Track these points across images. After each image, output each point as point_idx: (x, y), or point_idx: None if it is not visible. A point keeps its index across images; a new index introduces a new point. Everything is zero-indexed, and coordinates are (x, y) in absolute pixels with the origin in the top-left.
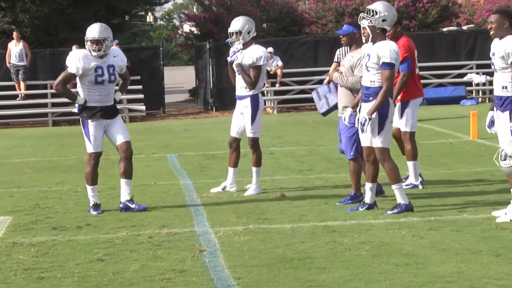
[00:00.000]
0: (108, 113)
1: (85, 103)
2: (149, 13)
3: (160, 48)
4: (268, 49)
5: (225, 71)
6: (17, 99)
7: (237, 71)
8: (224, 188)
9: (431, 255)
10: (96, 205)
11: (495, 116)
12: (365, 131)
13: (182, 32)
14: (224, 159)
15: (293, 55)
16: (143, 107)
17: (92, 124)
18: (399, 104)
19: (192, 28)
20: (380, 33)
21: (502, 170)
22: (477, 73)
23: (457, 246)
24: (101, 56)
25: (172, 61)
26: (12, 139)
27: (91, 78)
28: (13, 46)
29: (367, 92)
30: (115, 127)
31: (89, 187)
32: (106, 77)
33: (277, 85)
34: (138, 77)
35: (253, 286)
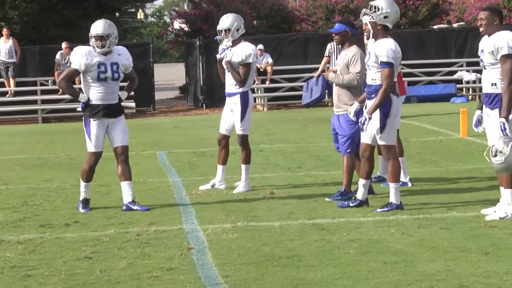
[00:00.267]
0: (111, 112)
1: (88, 101)
2: (140, 10)
3: (150, 45)
4: (258, 46)
5: (215, 68)
6: (7, 96)
7: (227, 69)
8: (213, 186)
9: (420, 253)
10: (86, 200)
11: (484, 114)
12: (365, 130)
13: (173, 29)
14: (214, 157)
15: (283, 53)
16: (133, 104)
17: (95, 123)
18: None
19: (182, 25)
20: (382, 30)
21: (493, 167)
22: (467, 71)
23: (446, 244)
24: (105, 53)
25: (163, 58)
26: (1, 136)
27: (94, 75)
28: (3, 43)
29: (370, 90)
30: (116, 130)
31: (83, 183)
32: (109, 74)
33: (267, 82)
34: None
35: (241, 284)
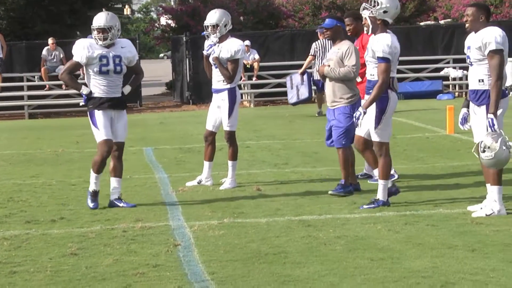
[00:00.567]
0: (115, 105)
1: (91, 94)
2: (127, 6)
3: (137, 41)
4: (245, 42)
5: (202, 65)
6: None
7: (214, 65)
8: (200, 182)
9: (407, 250)
10: (95, 193)
11: (471, 111)
12: (359, 126)
13: (159, 25)
14: (200, 153)
15: (270, 49)
16: None
17: (100, 113)
18: None
19: (169, 21)
20: (381, 25)
21: (482, 163)
22: (454, 68)
23: (433, 241)
24: (108, 46)
25: (150, 54)
26: None
27: (96, 68)
28: None
29: (368, 85)
30: (119, 124)
31: (94, 174)
32: (111, 67)
33: (254, 79)
34: None
35: (227, 281)
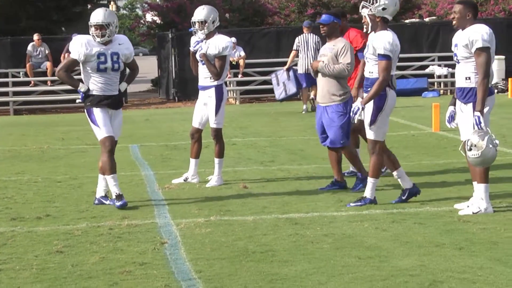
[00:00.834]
0: (113, 103)
1: (88, 91)
2: (112, 3)
3: None
4: (231, 39)
5: (188, 61)
6: None
7: (201, 61)
8: (186, 179)
9: (394, 248)
10: (120, 196)
11: (457, 109)
12: (354, 121)
13: (145, 22)
14: (186, 150)
15: (256, 46)
16: None
17: (98, 110)
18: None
19: (155, 18)
20: (381, 22)
21: (468, 161)
22: (439, 65)
23: (420, 239)
24: (106, 43)
25: (135, 50)
26: None
27: (93, 65)
28: None
29: (367, 83)
30: (115, 122)
31: (109, 177)
32: (109, 65)
33: (240, 76)
34: None
35: (215, 280)
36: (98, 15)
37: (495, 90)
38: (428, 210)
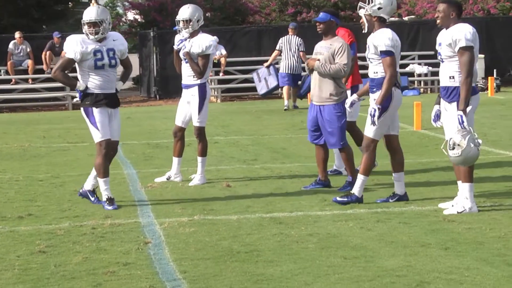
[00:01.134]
0: (112, 102)
1: (86, 89)
2: (93, 1)
3: None
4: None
5: (169, 60)
6: None
7: (185, 60)
8: (169, 178)
9: (380, 248)
10: (111, 199)
11: (442, 108)
12: (377, 123)
13: (126, 20)
14: (168, 148)
15: (237, 44)
16: None
17: (97, 111)
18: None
19: (136, 16)
20: (377, 22)
21: (450, 160)
22: (419, 64)
23: (405, 239)
24: (100, 40)
25: None
26: None
27: (90, 63)
28: None
29: (372, 84)
30: (113, 123)
31: (101, 180)
32: (106, 61)
33: (221, 74)
34: None
35: (199, 280)
36: (91, 13)
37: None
38: (413, 210)
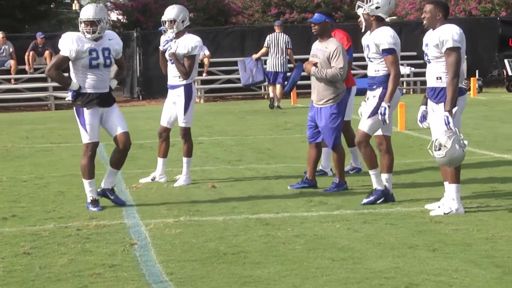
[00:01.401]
0: (105, 101)
1: (80, 89)
2: (75, 1)
3: None
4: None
5: (152, 60)
6: None
7: (170, 61)
8: (154, 179)
9: (367, 250)
10: (95, 201)
11: (429, 109)
12: (387, 121)
13: (109, 21)
14: (152, 149)
15: (220, 45)
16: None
17: (88, 112)
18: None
19: (119, 17)
20: (375, 21)
21: (436, 161)
22: (402, 65)
23: (393, 240)
24: (96, 39)
25: None
26: None
27: (85, 62)
28: None
29: (372, 82)
30: (113, 117)
31: (86, 181)
32: (101, 61)
33: (204, 75)
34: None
35: (186, 282)
36: (89, 11)
37: None
38: (399, 211)
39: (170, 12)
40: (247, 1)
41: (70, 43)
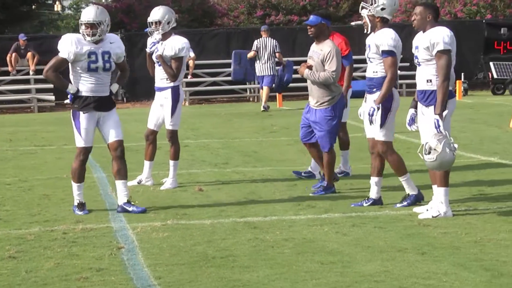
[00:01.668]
0: (102, 105)
1: (77, 92)
2: (57, 2)
3: None
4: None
5: (137, 62)
6: None
7: (158, 63)
8: (140, 182)
9: (356, 253)
10: (82, 204)
11: (419, 112)
12: (374, 122)
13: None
14: (138, 152)
15: (205, 47)
16: (53, 97)
17: (84, 116)
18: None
19: None
20: (380, 23)
21: (426, 165)
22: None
23: (382, 244)
24: (96, 42)
25: None
26: None
27: (84, 65)
28: None
29: (371, 83)
30: (108, 123)
31: (75, 185)
32: (100, 64)
33: (189, 77)
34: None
35: (175, 286)
36: (89, 13)
37: None
38: (388, 214)
39: (156, 13)
40: (233, 3)
41: (69, 45)
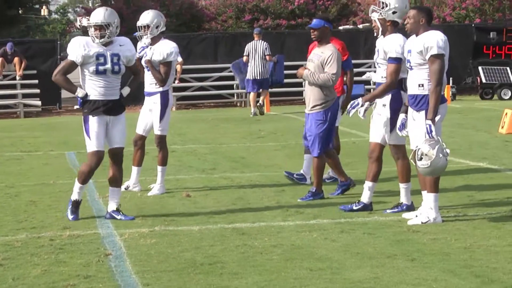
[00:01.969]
0: (112, 109)
1: (86, 96)
2: (44, 7)
3: (58, 42)
4: None
5: None
6: None
7: (146, 68)
8: (127, 188)
9: (345, 259)
10: (77, 203)
11: (409, 117)
12: (350, 114)
13: (80, 26)
14: (126, 157)
15: (193, 51)
16: (39, 102)
17: (94, 120)
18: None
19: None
20: (391, 26)
21: (418, 171)
22: (375, 72)
23: (371, 250)
24: (105, 44)
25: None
26: None
27: (92, 67)
28: None
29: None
30: (115, 129)
31: (79, 185)
32: (109, 67)
33: (176, 82)
34: (34, 72)
35: None
36: (98, 15)
37: None
38: (377, 220)
39: (145, 18)
40: (221, 7)
41: (77, 48)
